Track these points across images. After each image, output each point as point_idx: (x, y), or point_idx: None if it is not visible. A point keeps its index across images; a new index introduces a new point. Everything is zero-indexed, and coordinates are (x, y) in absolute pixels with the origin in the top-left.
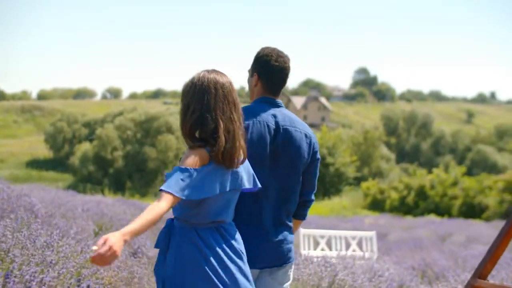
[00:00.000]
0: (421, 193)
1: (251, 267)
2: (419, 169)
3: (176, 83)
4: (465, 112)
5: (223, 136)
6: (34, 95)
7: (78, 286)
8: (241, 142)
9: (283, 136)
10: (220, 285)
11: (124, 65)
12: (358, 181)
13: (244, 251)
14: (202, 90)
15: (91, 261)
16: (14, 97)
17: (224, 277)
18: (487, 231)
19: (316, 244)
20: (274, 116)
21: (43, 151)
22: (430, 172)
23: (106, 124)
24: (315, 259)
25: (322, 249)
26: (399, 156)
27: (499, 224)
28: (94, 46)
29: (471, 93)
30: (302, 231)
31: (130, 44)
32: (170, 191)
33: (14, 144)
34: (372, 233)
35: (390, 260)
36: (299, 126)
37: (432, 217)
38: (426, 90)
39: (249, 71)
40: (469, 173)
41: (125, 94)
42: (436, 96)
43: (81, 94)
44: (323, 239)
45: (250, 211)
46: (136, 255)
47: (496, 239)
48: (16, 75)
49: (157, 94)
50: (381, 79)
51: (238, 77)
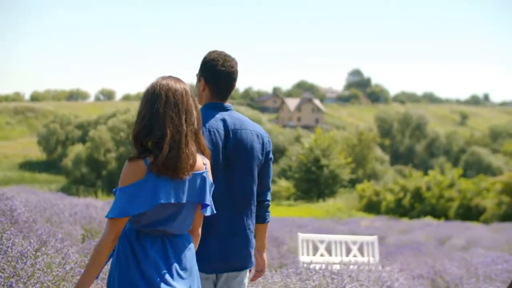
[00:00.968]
0: (417, 195)
1: (211, 272)
2: (414, 171)
3: None
4: (459, 114)
5: (168, 145)
6: (27, 97)
7: None
8: (189, 150)
9: (234, 140)
10: None
11: (118, 67)
12: (353, 183)
13: (189, 267)
14: (154, 97)
15: None
16: (7, 99)
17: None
18: (487, 234)
19: (315, 249)
20: (223, 121)
21: (36, 153)
22: (426, 174)
23: (99, 126)
24: (317, 266)
25: (322, 255)
26: (394, 158)
27: (498, 227)
28: (87, 48)
29: (465, 95)
30: (301, 236)
31: (124, 46)
32: (110, 216)
33: (7, 146)
34: (374, 238)
35: (396, 267)
36: (250, 127)
37: (429, 220)
38: (420, 92)
39: (197, 76)
40: (464, 175)
41: (119, 96)
42: (430, 98)
43: (74, 96)
44: (323, 244)
45: (208, 218)
46: None
47: None
48: (9, 77)
49: None
50: (375, 81)
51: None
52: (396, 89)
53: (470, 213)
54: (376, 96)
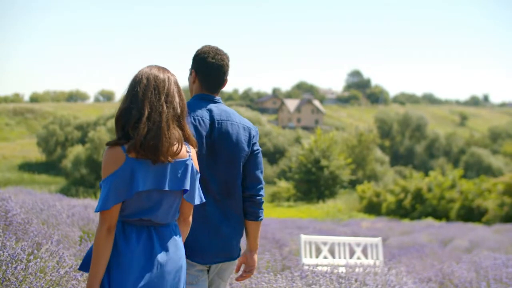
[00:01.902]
0: (418, 196)
1: (202, 263)
2: (414, 172)
3: None
4: (458, 115)
5: (145, 126)
6: (27, 98)
7: None
8: (171, 133)
9: (219, 130)
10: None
11: (117, 68)
12: (353, 184)
13: (176, 257)
14: (135, 82)
15: None
16: (6, 100)
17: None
18: (490, 235)
19: (318, 251)
20: (210, 111)
21: (36, 154)
22: (426, 175)
23: (99, 127)
24: (320, 269)
25: (325, 257)
26: (394, 159)
27: (501, 228)
28: (87, 49)
29: (464, 96)
30: (303, 238)
31: (123, 47)
32: (96, 211)
33: (6, 147)
34: (378, 240)
35: (403, 270)
36: (236, 119)
37: (430, 221)
38: (419, 93)
39: (190, 70)
40: (464, 176)
41: (118, 97)
42: (429, 99)
43: (74, 97)
44: (326, 246)
45: (194, 208)
46: None
47: None
48: (8, 78)
49: None
50: (375, 82)
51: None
52: (396, 90)
53: (472, 214)
54: (376, 97)
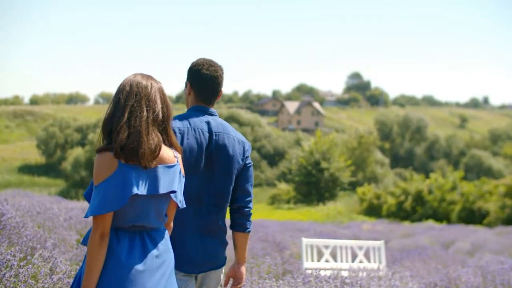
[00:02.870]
0: (419, 198)
1: (190, 272)
2: (415, 174)
3: (170, 88)
4: (458, 117)
5: (126, 131)
6: (26, 100)
7: None
8: (151, 138)
9: (217, 142)
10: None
11: (117, 70)
12: (353, 186)
13: (169, 261)
14: (119, 90)
15: None
16: (6, 102)
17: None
18: (492, 238)
19: (319, 255)
20: (208, 123)
21: (35, 156)
22: (426, 177)
23: (99, 129)
24: (323, 273)
25: (327, 261)
26: (394, 161)
27: (503, 230)
28: (87, 51)
29: (464, 98)
30: (305, 241)
31: (123, 49)
32: (86, 216)
33: (6, 149)
34: (380, 243)
35: (407, 275)
36: (232, 133)
37: (431, 223)
38: (419, 95)
39: (185, 83)
40: (464, 178)
41: None
42: (429, 101)
43: (74, 99)
44: (328, 250)
45: (185, 216)
46: None
47: None
48: (8, 80)
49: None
50: (375, 84)
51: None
52: (396, 92)
53: (473, 217)
54: (376, 99)
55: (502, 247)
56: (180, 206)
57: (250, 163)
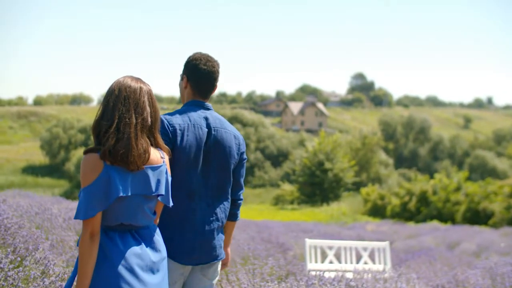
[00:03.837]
0: (423, 199)
1: (187, 263)
2: (418, 175)
3: (173, 89)
4: (462, 118)
5: (114, 136)
6: (30, 101)
7: None
8: (140, 142)
9: (215, 138)
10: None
11: (121, 71)
12: (357, 187)
13: (160, 256)
14: (108, 93)
15: None
16: (10, 103)
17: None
18: (498, 239)
19: (323, 256)
20: (206, 119)
21: (39, 157)
22: (430, 178)
23: None
24: (327, 275)
25: (331, 262)
26: (398, 162)
27: (508, 231)
28: (90, 52)
29: (468, 99)
30: (308, 242)
31: (126, 50)
32: (75, 218)
33: (10, 150)
34: (385, 244)
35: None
36: (229, 128)
37: (436, 224)
38: (423, 96)
39: (181, 75)
40: (468, 178)
41: None
42: (433, 102)
43: (77, 100)
44: (332, 251)
45: (183, 210)
46: None
47: None
48: (12, 81)
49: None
50: (378, 85)
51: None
52: (400, 93)
53: (478, 217)
54: (380, 100)
55: (510, 249)
56: (169, 205)
57: (246, 158)
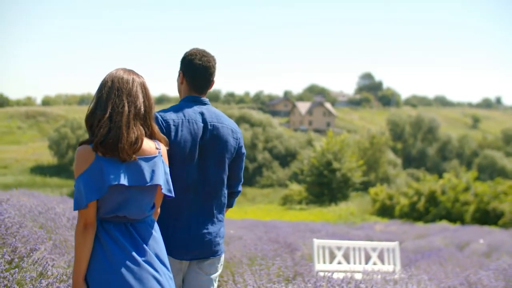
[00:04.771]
0: (432, 199)
1: (181, 259)
2: (427, 174)
3: None
4: (471, 117)
5: (107, 126)
6: (39, 101)
7: None
8: (131, 131)
9: (211, 133)
10: (110, 278)
11: None
12: (365, 187)
13: (159, 252)
14: (102, 85)
15: None
16: (19, 103)
17: (114, 274)
18: (508, 239)
19: (332, 256)
20: (202, 114)
21: (47, 157)
22: (439, 178)
23: None
24: (336, 276)
25: (339, 262)
26: (406, 162)
27: None
28: (98, 52)
29: (476, 98)
30: (316, 242)
31: (134, 50)
32: (75, 209)
33: (18, 150)
34: (395, 244)
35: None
36: (226, 122)
37: (445, 224)
38: (431, 95)
39: (178, 72)
40: (477, 178)
41: None
42: (441, 101)
43: (85, 100)
44: (340, 251)
45: (179, 205)
46: None
47: None
48: (20, 81)
49: (161, 100)
50: (386, 85)
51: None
52: (408, 93)
53: (487, 217)
54: (388, 100)
55: None
56: (172, 196)
57: (244, 152)
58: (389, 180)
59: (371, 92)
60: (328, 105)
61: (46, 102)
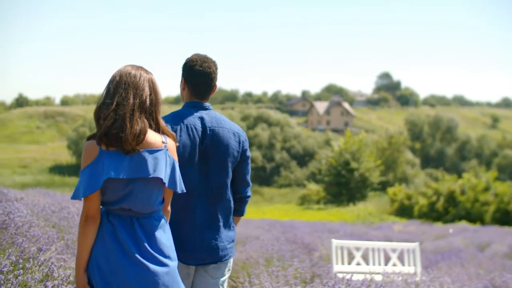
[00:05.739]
0: (451, 199)
1: (188, 264)
2: (445, 175)
3: None
4: (490, 117)
5: (112, 118)
6: (57, 101)
7: None
8: (135, 123)
9: (211, 137)
10: (106, 272)
11: None
12: (383, 187)
13: (165, 249)
14: (110, 80)
15: None
16: (38, 103)
17: (112, 267)
18: None
19: (350, 257)
20: (201, 119)
21: (66, 157)
22: (459, 178)
23: None
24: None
25: (358, 264)
26: (424, 162)
27: None
28: (117, 51)
29: (495, 98)
30: (334, 243)
31: (153, 49)
32: (72, 198)
33: (37, 150)
34: (415, 245)
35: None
36: (227, 126)
37: (465, 224)
38: (450, 95)
39: (181, 78)
40: (497, 178)
41: None
42: (460, 101)
43: None
44: (359, 252)
45: (183, 209)
46: None
47: None
48: (40, 82)
49: (179, 100)
50: (404, 84)
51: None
52: (426, 92)
53: (508, 218)
54: (406, 99)
55: None
56: (179, 191)
57: (249, 156)
58: (407, 180)
59: (389, 92)
60: (346, 105)
61: (65, 102)
